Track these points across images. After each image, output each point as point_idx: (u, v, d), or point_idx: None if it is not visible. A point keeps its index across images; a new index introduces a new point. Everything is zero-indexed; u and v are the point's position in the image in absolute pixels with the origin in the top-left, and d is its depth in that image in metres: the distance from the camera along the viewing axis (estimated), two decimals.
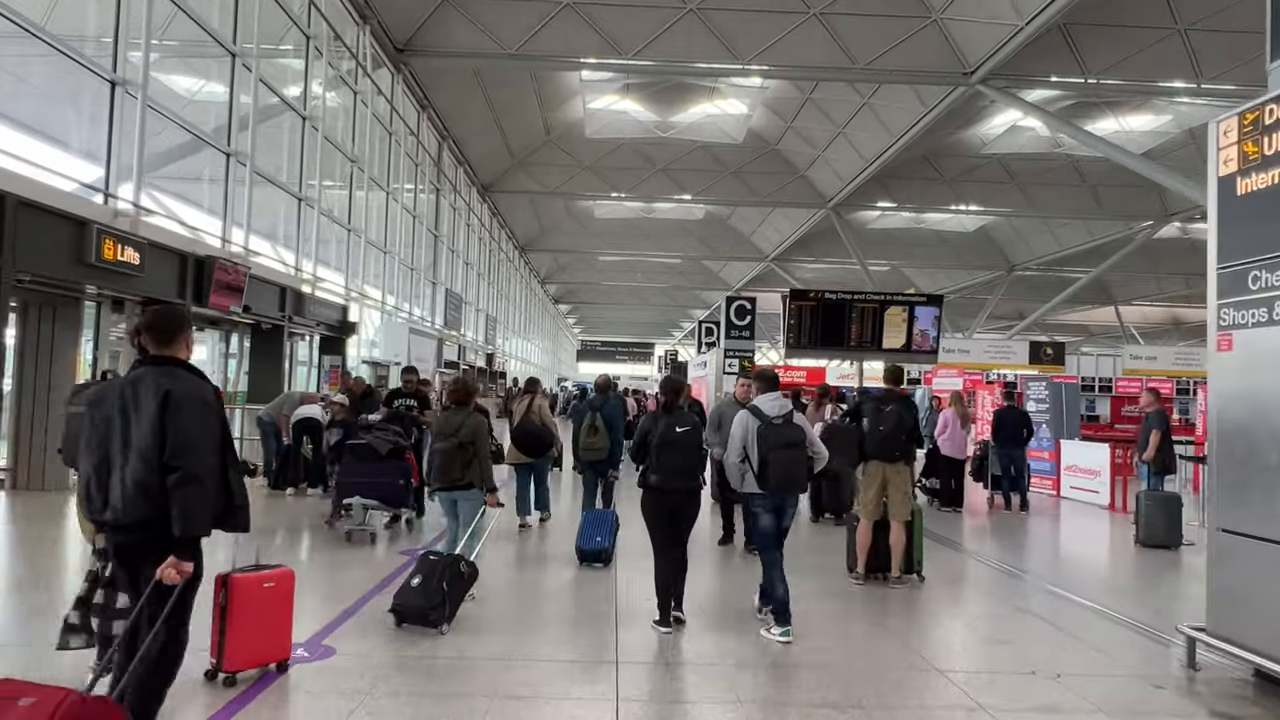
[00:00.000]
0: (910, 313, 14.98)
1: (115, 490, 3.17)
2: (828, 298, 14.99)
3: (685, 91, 26.71)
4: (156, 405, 3.16)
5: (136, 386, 3.23)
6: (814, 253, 38.93)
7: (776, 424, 5.47)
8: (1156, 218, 31.16)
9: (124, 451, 3.18)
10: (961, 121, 26.45)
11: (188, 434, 3.15)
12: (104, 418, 3.25)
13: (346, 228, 18.71)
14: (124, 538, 3.25)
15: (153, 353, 3.37)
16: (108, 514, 3.19)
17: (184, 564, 3.15)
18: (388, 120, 21.00)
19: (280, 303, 13.77)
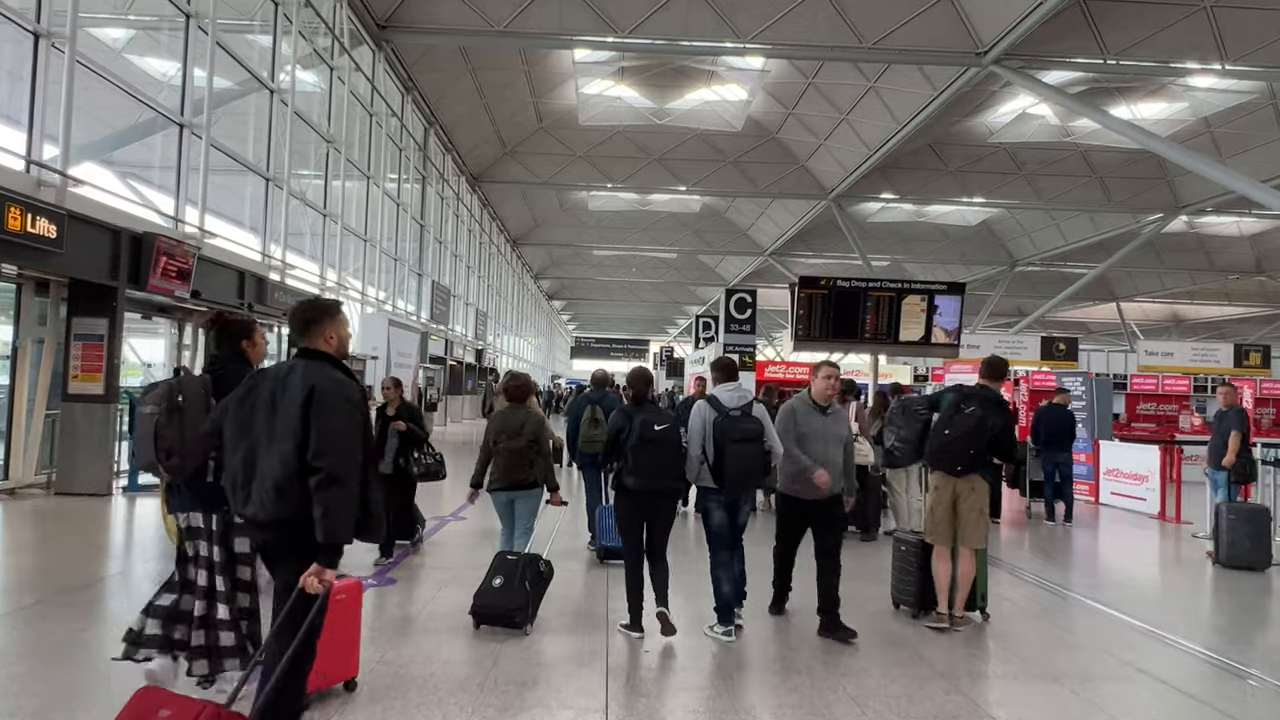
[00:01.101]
0: (930, 302, 13.53)
1: (257, 487, 3.02)
2: (840, 286, 13.54)
3: (682, 76, 25.30)
4: (301, 401, 2.98)
5: (286, 380, 3.06)
6: (813, 247, 37.57)
7: (734, 416, 5.21)
8: (1167, 210, 29.88)
9: (268, 447, 3.02)
10: (969, 109, 25.16)
11: (332, 433, 2.96)
12: (251, 410, 3.09)
13: (322, 212, 17.26)
14: (265, 536, 3.14)
15: (297, 346, 3.19)
16: (249, 510, 3.05)
17: (327, 572, 2.94)
18: (368, 100, 19.54)
19: (239, 289, 12.32)
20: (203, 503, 3.72)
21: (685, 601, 5.88)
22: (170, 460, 3.62)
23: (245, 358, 3.93)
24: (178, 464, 3.64)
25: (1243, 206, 29.50)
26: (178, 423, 3.59)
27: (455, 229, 28.92)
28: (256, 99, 14.85)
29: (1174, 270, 38.73)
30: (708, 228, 38.83)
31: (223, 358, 3.88)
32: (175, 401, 3.61)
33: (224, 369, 3.80)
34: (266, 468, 3.00)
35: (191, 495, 3.74)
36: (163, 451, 3.60)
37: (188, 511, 3.77)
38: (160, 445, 3.59)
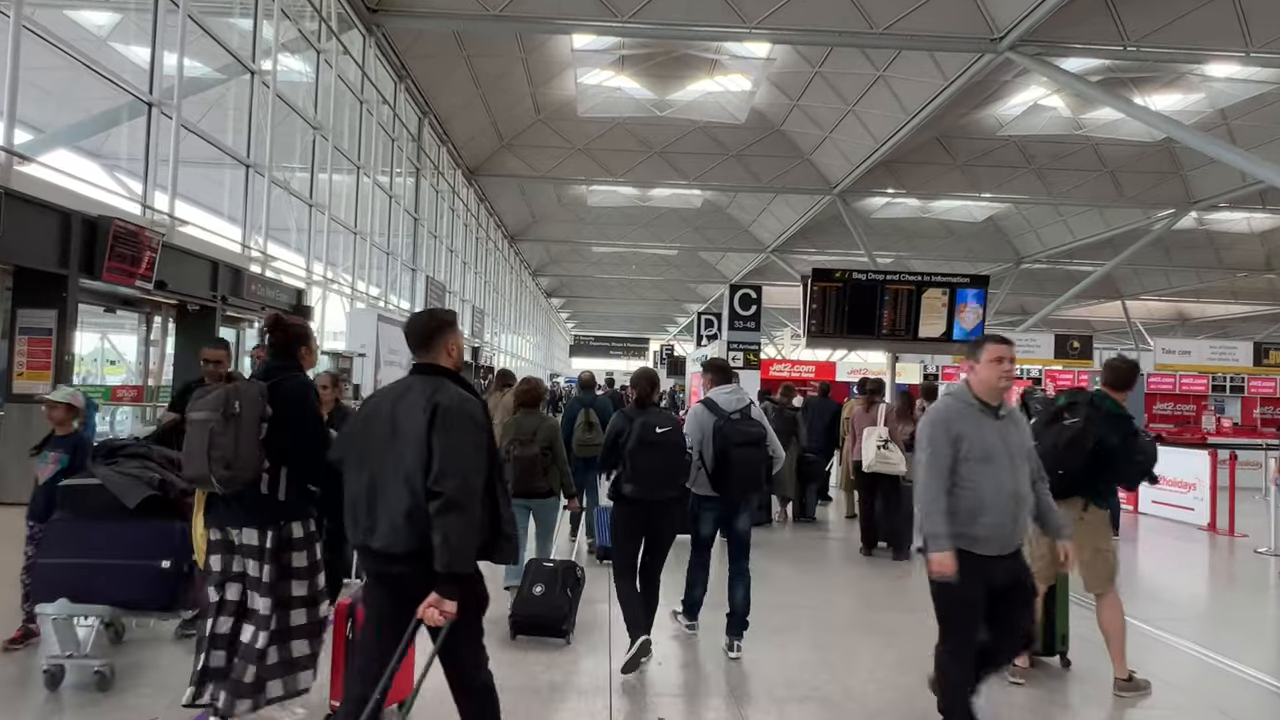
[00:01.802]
0: (951, 296, 12.64)
1: (386, 517, 2.79)
2: (856, 279, 12.66)
3: (684, 65, 24.34)
4: (425, 421, 2.77)
5: (405, 398, 2.87)
6: (816, 244, 36.61)
7: (734, 419, 4.94)
8: (1179, 205, 28.96)
9: (393, 472, 2.79)
10: (979, 100, 24.22)
11: (455, 455, 2.75)
12: (372, 433, 2.88)
13: (308, 203, 16.29)
14: (397, 569, 2.83)
15: (415, 362, 3.01)
16: (377, 541, 2.81)
17: (446, 603, 2.72)
18: (359, 87, 18.56)
19: (211, 281, 11.36)
20: (255, 517, 3.47)
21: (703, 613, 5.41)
22: (226, 471, 3.34)
23: (301, 364, 3.71)
24: (232, 475, 3.35)
25: (1256, 202, 28.60)
26: (233, 431, 3.33)
27: (451, 223, 27.96)
28: (239, 85, 13.92)
29: (1181, 268, 37.86)
30: (709, 224, 37.86)
31: (280, 365, 3.62)
32: (232, 409, 3.34)
33: (283, 376, 3.56)
34: (394, 495, 2.80)
35: (243, 509, 3.48)
36: (218, 462, 3.32)
37: (239, 527, 3.49)
38: (215, 455, 3.32)
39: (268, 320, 3.76)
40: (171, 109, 11.27)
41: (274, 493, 3.47)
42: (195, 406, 3.48)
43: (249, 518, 3.48)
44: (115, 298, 10.32)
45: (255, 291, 12.38)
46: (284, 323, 3.73)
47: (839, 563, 7.59)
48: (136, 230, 9.24)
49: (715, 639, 5.22)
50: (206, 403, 3.42)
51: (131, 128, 11.90)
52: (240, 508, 3.49)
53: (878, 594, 6.57)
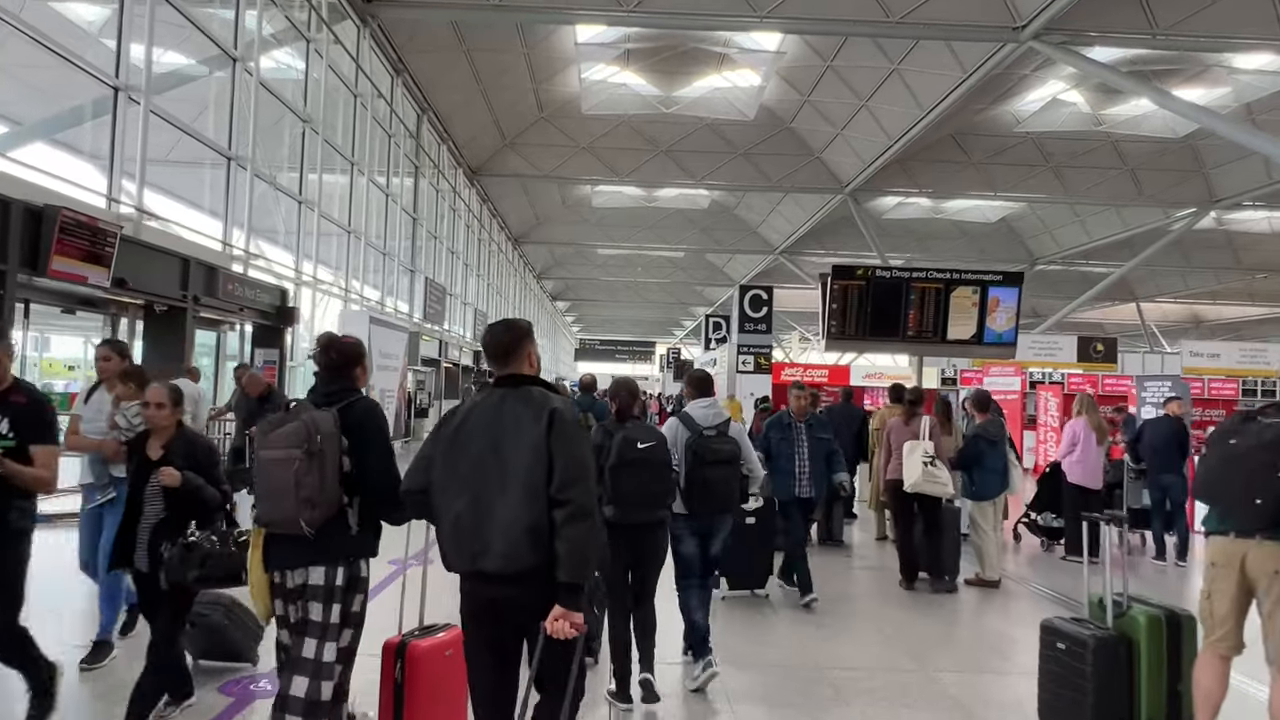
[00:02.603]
0: (983, 294, 11.57)
1: (501, 535, 2.62)
2: (879, 276, 11.59)
3: (691, 60, 23.35)
4: (543, 429, 2.64)
5: (503, 409, 2.75)
6: (826, 245, 35.56)
7: (708, 436, 4.74)
8: (1201, 204, 27.89)
9: (503, 487, 2.64)
10: (995, 95, 23.24)
11: (577, 462, 2.64)
12: (465, 451, 2.72)
13: (297, 199, 15.34)
14: (507, 592, 2.66)
15: (498, 374, 2.89)
16: (488, 563, 2.62)
17: (574, 614, 2.60)
18: (353, 81, 17.62)
19: (182, 279, 10.38)
20: (326, 553, 3.12)
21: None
22: (313, 512, 3.02)
23: (356, 385, 3.37)
24: (317, 515, 3.03)
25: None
26: (317, 469, 3.02)
27: (452, 224, 27.01)
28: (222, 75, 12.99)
29: (1199, 269, 36.75)
30: (716, 225, 36.84)
31: (339, 388, 3.29)
32: (315, 444, 3.04)
33: (354, 400, 3.26)
34: (511, 511, 2.62)
35: (315, 548, 3.10)
36: (305, 503, 3.00)
37: (303, 565, 3.12)
38: (301, 496, 2.99)
39: (320, 341, 3.43)
40: (140, 94, 10.31)
41: (345, 526, 3.16)
42: (268, 442, 3.09)
43: (319, 554, 3.12)
44: (74, 297, 9.36)
45: (233, 291, 11.41)
46: (338, 343, 3.37)
47: (879, 600, 6.57)
48: (89, 221, 8.27)
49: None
50: (283, 437, 3.04)
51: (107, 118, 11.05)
52: (309, 544, 3.09)
53: (932, 645, 5.56)
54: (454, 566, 2.76)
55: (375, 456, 3.19)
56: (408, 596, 3.77)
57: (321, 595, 3.13)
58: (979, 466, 6.48)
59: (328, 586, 3.13)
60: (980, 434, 6.59)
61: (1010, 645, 5.70)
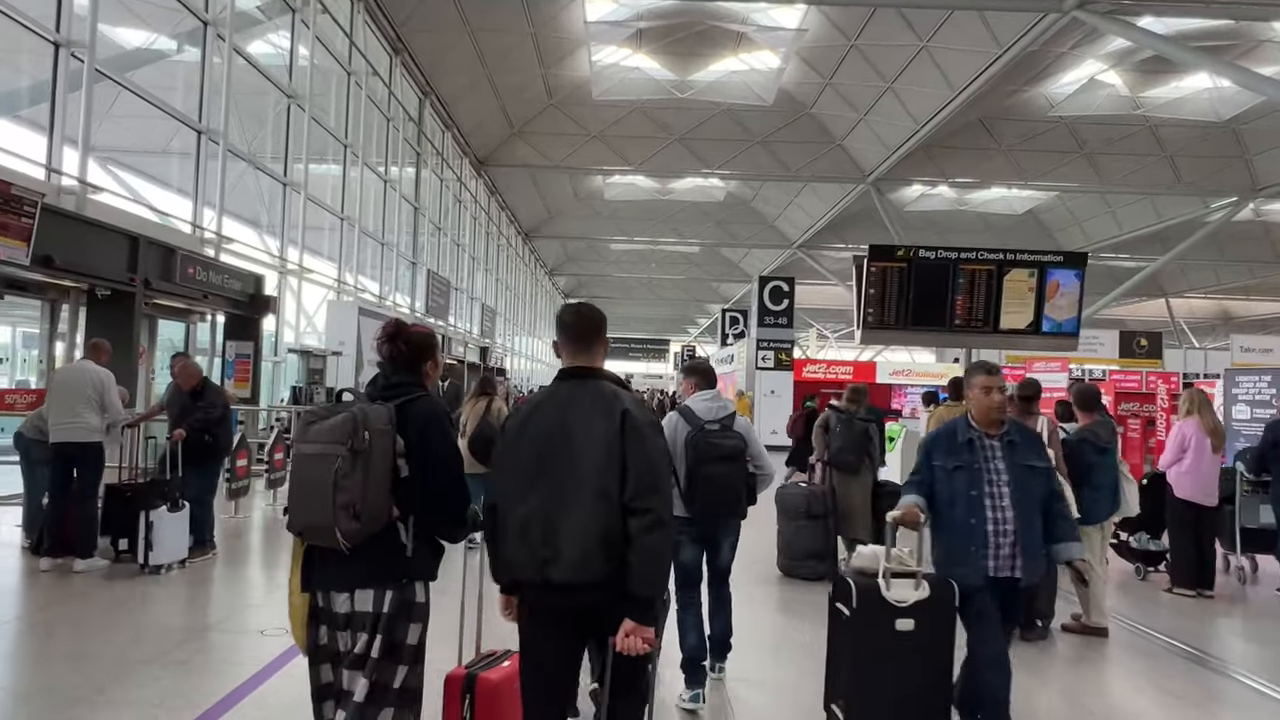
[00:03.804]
0: (1041, 277, 10.04)
1: (572, 543, 2.35)
2: (922, 257, 10.07)
3: (707, 41, 21.89)
4: (616, 430, 2.39)
5: (573, 406, 2.47)
6: (845, 239, 33.95)
7: (710, 430, 4.17)
8: (1242, 192, 26.14)
9: (574, 490, 2.38)
10: (1029, 76, 21.67)
11: (654, 466, 2.40)
12: (533, 450, 2.46)
13: (281, 180, 13.99)
14: (575, 602, 2.42)
15: (567, 364, 2.58)
16: (558, 572, 2.36)
17: (646, 629, 2.38)
18: (346, 57, 16.25)
19: (130, 260, 9.00)
20: (374, 573, 2.52)
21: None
22: (355, 522, 2.42)
23: (425, 382, 2.74)
24: (361, 527, 2.43)
25: None
26: (362, 470, 2.43)
27: (458, 216, 25.62)
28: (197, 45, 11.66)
29: (1232, 263, 34.89)
30: (732, 218, 35.28)
31: (402, 381, 2.67)
32: (361, 441, 2.43)
33: (409, 397, 2.62)
34: (582, 516, 2.35)
35: (362, 567, 2.50)
36: (345, 510, 2.41)
37: (348, 588, 2.53)
38: (341, 501, 2.40)
39: (385, 328, 2.80)
40: (84, 51, 8.95)
41: (397, 542, 2.57)
42: (307, 435, 2.56)
43: (366, 575, 2.56)
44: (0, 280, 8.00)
45: (195, 276, 10.02)
46: (405, 331, 2.79)
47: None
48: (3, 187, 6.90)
49: None
50: (326, 431, 2.50)
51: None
52: (355, 562, 2.52)
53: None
54: (517, 575, 2.49)
55: (439, 463, 2.62)
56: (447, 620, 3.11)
57: (368, 624, 2.57)
58: (1086, 482, 4.98)
59: (375, 613, 2.57)
60: (1087, 439, 5.09)
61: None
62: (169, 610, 5.29)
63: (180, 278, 9.75)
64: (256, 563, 6.75)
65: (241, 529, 7.98)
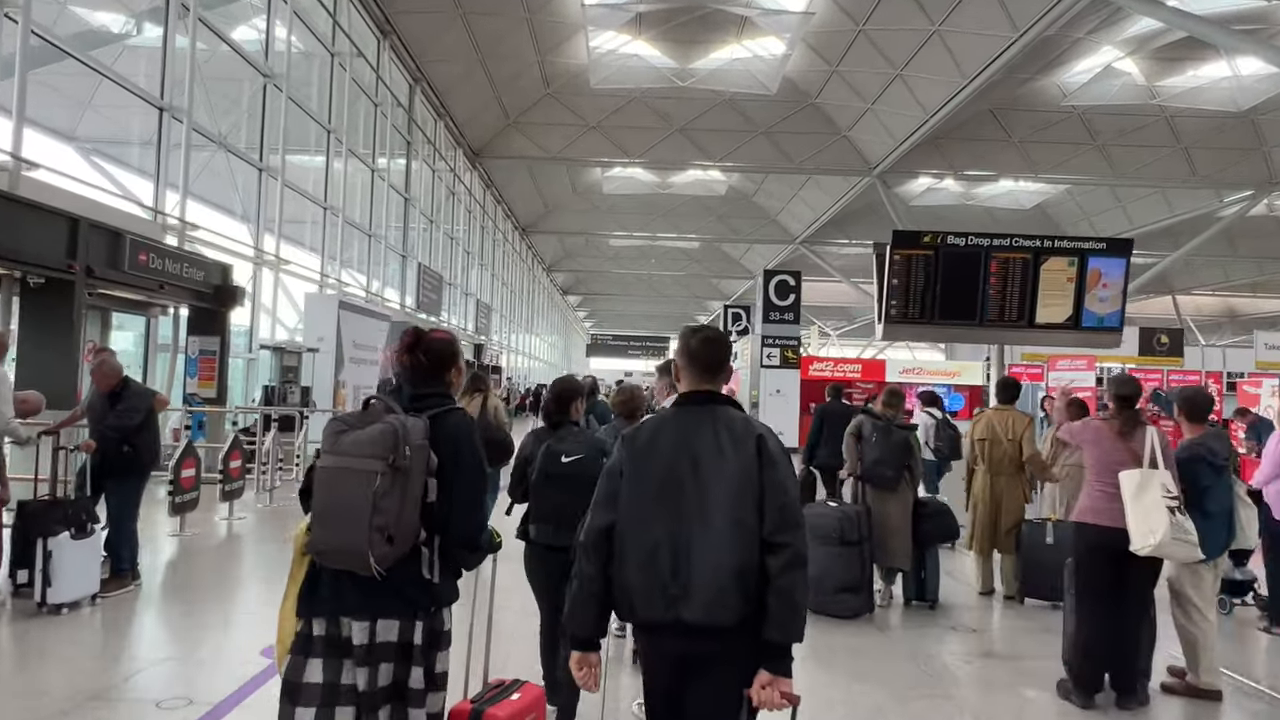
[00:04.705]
0: (1081, 266, 9.01)
1: (704, 578, 2.10)
2: (951, 244, 9.05)
3: (709, 26, 20.83)
4: (752, 457, 2.18)
5: (702, 430, 2.24)
6: (849, 234, 32.94)
7: None
8: (1259, 186, 25.14)
9: (705, 521, 2.15)
10: (1043, 64, 20.64)
11: (793, 499, 2.19)
12: (656, 475, 2.23)
13: (256, 165, 12.95)
14: (704, 648, 2.15)
15: (690, 389, 2.37)
16: (689, 611, 2.09)
17: (784, 680, 2.11)
18: (329, 37, 15.20)
19: (69, 245, 7.94)
20: (399, 600, 2.27)
21: None
22: (388, 546, 2.20)
23: (449, 391, 2.57)
24: (391, 551, 2.22)
25: None
26: (400, 490, 2.21)
27: (452, 208, 24.55)
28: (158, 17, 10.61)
29: (1242, 259, 33.86)
30: (733, 212, 34.21)
31: (435, 393, 2.49)
32: (403, 457, 2.21)
33: (448, 410, 2.44)
34: (716, 551, 2.11)
35: (387, 593, 2.24)
36: (380, 532, 2.18)
37: (368, 617, 2.24)
38: (377, 522, 2.17)
39: (403, 339, 2.55)
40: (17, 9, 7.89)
41: (425, 568, 2.32)
42: (340, 447, 2.24)
43: (392, 603, 2.26)
44: None
45: (148, 264, 8.96)
46: (425, 340, 2.52)
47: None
48: None
49: None
50: (365, 443, 2.21)
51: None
52: (378, 587, 2.22)
53: None
54: (642, 614, 2.18)
55: (466, 484, 2.37)
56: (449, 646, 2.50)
57: (394, 654, 2.26)
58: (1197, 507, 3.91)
59: (402, 643, 2.27)
60: (1201, 456, 4.03)
61: None
62: (51, 668, 4.16)
63: (130, 265, 8.69)
64: (187, 598, 5.61)
65: (186, 551, 6.91)
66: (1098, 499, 4.08)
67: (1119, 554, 3.95)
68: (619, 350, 55.65)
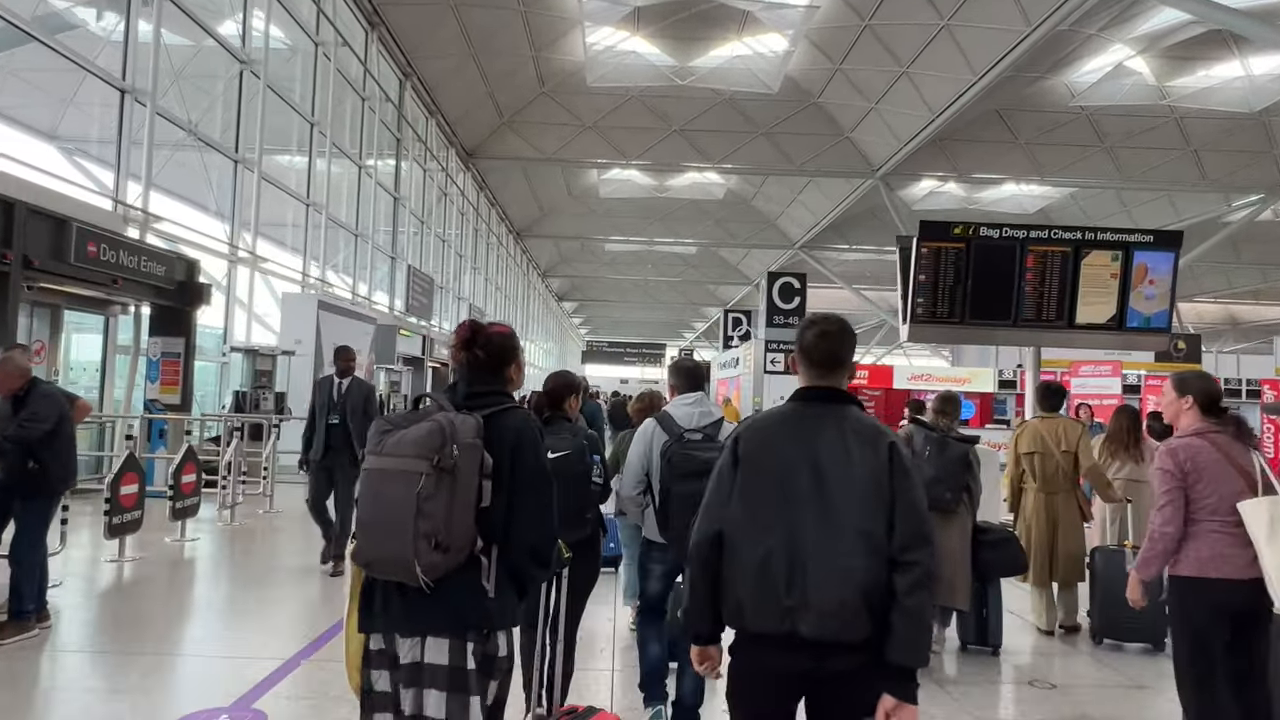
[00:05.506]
0: (1126, 261, 8.16)
1: (826, 590, 1.93)
2: (984, 236, 8.19)
3: (709, 22, 20.05)
4: (884, 465, 2.00)
5: (824, 431, 2.06)
6: (848, 239, 32.17)
7: (689, 441, 3.55)
8: (1269, 189, 24.40)
9: (828, 529, 1.97)
10: (1053, 62, 19.91)
11: (922, 512, 2.01)
12: (771, 476, 2.06)
13: (232, 157, 12.05)
14: (821, 666, 1.96)
15: (809, 384, 2.17)
16: (806, 625, 1.93)
17: (909, 707, 1.93)
18: (312, 24, 14.33)
19: (3, 232, 7.01)
20: (452, 618, 2.06)
21: None
22: (438, 554, 1.99)
23: (508, 389, 2.37)
24: (441, 560, 2.00)
25: None
26: (447, 491, 2.01)
27: (444, 210, 23.65)
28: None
29: (1246, 266, 33.17)
30: (731, 216, 33.36)
31: (492, 390, 2.29)
32: (449, 456, 2.01)
33: (495, 408, 2.23)
34: (840, 562, 1.94)
35: (436, 609, 2.04)
36: (427, 539, 1.98)
37: (416, 634, 2.06)
38: (423, 528, 1.97)
39: (459, 332, 2.33)
40: None
41: (479, 581, 2.09)
42: (383, 448, 2.06)
43: (441, 620, 2.05)
44: None
45: (99, 256, 8.05)
46: (484, 333, 2.31)
47: None
48: None
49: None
50: (408, 443, 2.02)
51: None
52: (428, 604, 2.03)
53: None
54: (752, 625, 2.01)
55: (530, 488, 2.17)
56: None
57: (443, 680, 2.03)
58: None
59: (452, 667, 2.04)
60: None
61: None
62: None
63: (78, 257, 7.78)
64: (109, 644, 4.60)
65: (121, 582, 5.91)
66: (1220, 543, 3.15)
67: (1253, 614, 3.06)
68: (615, 357, 54.75)
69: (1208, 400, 3.30)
